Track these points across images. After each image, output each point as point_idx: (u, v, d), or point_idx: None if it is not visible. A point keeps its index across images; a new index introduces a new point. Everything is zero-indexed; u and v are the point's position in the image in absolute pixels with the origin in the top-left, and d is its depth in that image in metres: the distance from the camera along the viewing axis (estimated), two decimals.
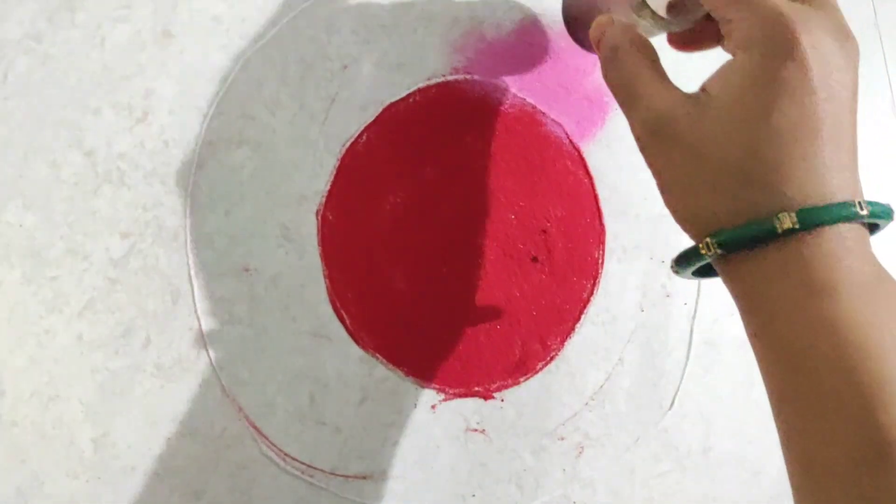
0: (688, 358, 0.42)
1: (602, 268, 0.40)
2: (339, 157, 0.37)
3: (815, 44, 0.24)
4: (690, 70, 0.29)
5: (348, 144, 0.37)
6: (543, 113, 0.40)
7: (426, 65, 0.39)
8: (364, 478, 0.36)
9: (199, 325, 0.35)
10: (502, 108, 0.39)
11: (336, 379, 0.36)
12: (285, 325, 0.36)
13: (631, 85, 0.27)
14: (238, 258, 0.35)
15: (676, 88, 0.27)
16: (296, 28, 0.37)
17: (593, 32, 0.30)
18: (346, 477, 0.36)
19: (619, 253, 0.41)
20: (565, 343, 0.39)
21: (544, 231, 0.39)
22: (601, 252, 0.40)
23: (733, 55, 0.25)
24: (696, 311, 0.42)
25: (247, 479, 0.35)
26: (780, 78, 0.23)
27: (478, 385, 0.38)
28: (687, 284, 0.42)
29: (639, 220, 0.41)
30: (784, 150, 0.23)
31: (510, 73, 0.40)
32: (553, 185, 0.40)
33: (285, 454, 0.35)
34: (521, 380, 0.39)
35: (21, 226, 0.33)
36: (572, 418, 0.39)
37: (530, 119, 0.40)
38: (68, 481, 0.33)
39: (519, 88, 0.40)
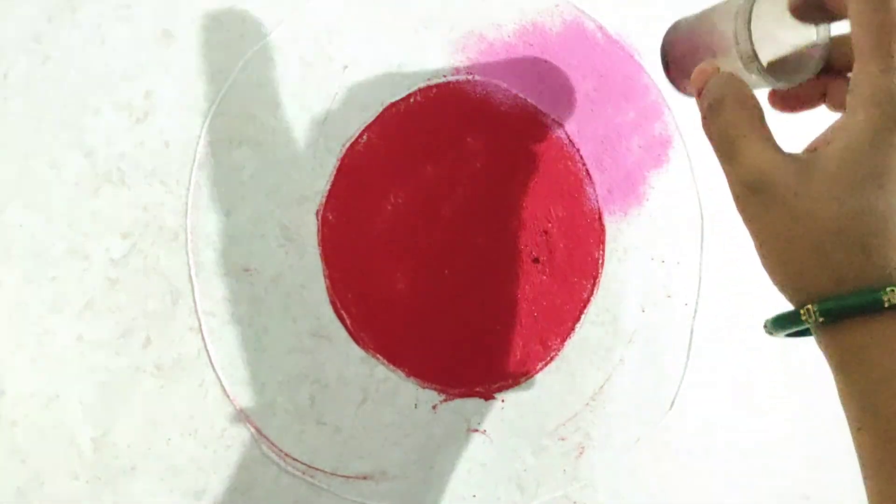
0: (688, 358, 0.42)
1: (602, 268, 0.40)
2: (339, 157, 0.37)
3: None
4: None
5: (348, 144, 0.37)
6: (544, 113, 0.40)
7: (426, 65, 0.39)
8: (364, 478, 0.36)
9: (199, 325, 0.35)
10: (503, 108, 0.39)
11: (336, 379, 0.36)
12: (285, 325, 0.36)
13: (733, 140, 0.26)
14: (238, 258, 0.35)
15: (778, 147, 0.26)
16: (296, 28, 0.37)
17: (696, 79, 0.29)
18: (347, 477, 0.36)
19: (620, 253, 0.41)
20: (566, 343, 0.39)
21: (545, 231, 0.39)
22: (601, 252, 0.40)
23: (849, 111, 0.24)
24: (696, 311, 0.42)
25: (247, 480, 0.35)
26: None
27: (478, 385, 0.38)
28: (687, 285, 0.42)
29: (639, 221, 0.41)
30: (894, 218, 0.23)
31: (511, 73, 0.40)
32: (553, 185, 0.40)
33: (285, 454, 0.35)
34: (522, 380, 0.39)
35: (21, 226, 0.33)
36: (573, 418, 0.39)
37: (531, 119, 0.40)
38: (68, 481, 0.33)
39: (520, 89, 0.40)
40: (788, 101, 0.31)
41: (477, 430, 0.38)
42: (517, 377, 0.39)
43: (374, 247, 0.37)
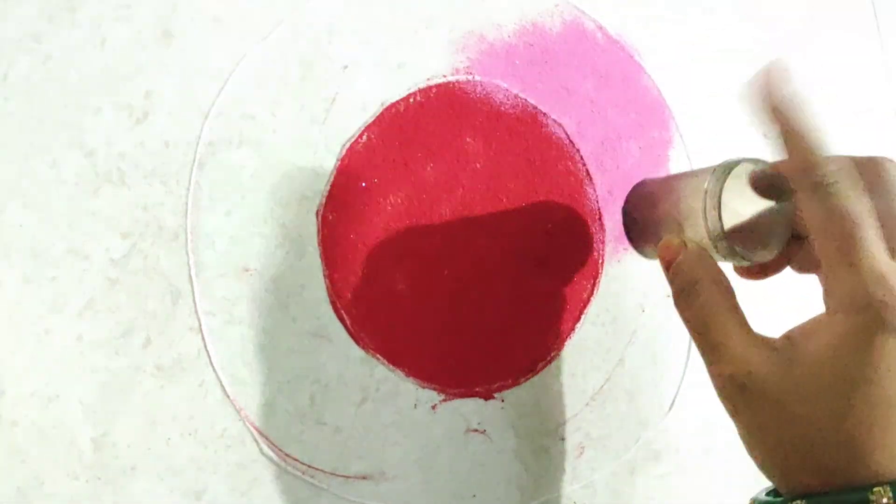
0: (688, 358, 0.42)
1: (602, 268, 0.40)
2: (339, 157, 0.37)
3: None
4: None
5: (348, 144, 0.37)
6: (545, 114, 0.40)
7: (426, 65, 0.39)
8: (364, 478, 0.36)
9: (199, 325, 0.35)
10: (503, 108, 0.39)
11: (336, 379, 0.36)
12: (285, 325, 0.36)
13: (712, 331, 0.27)
14: (238, 258, 0.35)
15: (758, 336, 0.26)
16: (296, 28, 0.37)
17: (663, 253, 0.29)
18: (347, 477, 0.36)
19: (620, 253, 0.41)
20: (566, 343, 0.39)
21: (545, 232, 0.39)
22: (602, 252, 0.40)
23: (829, 312, 0.25)
24: None
25: (247, 480, 0.35)
26: (881, 350, 0.23)
27: (478, 385, 0.38)
28: None
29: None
30: (879, 420, 0.23)
31: (511, 73, 0.40)
32: (554, 185, 0.40)
33: (285, 454, 0.35)
34: (522, 380, 0.39)
35: (21, 226, 0.33)
36: (573, 419, 0.39)
37: (531, 120, 0.40)
38: (68, 481, 0.33)
39: (520, 89, 0.40)
40: (753, 270, 0.31)
41: (477, 430, 0.38)
42: (517, 377, 0.39)
43: (374, 247, 0.37)
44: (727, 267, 0.30)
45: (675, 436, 0.41)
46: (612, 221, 0.41)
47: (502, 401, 0.38)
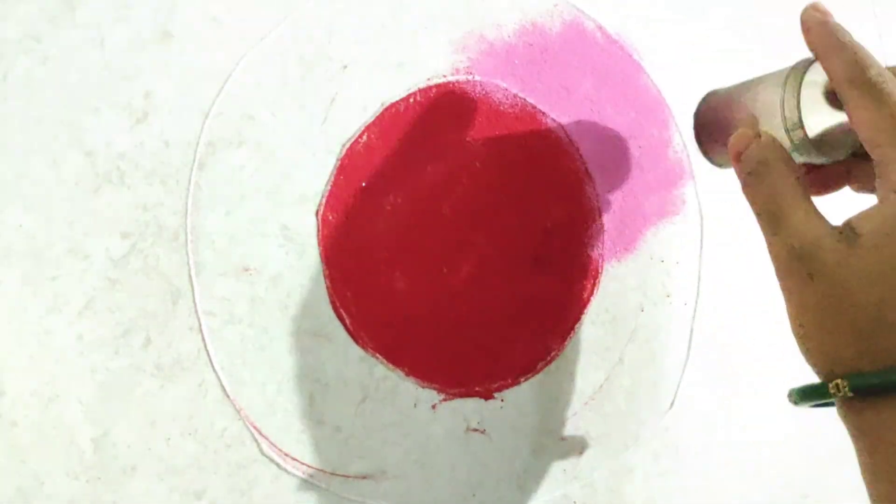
0: (688, 358, 0.42)
1: (602, 268, 0.40)
2: (339, 157, 0.37)
3: None
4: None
5: (348, 144, 0.37)
6: (544, 113, 0.40)
7: (426, 65, 0.39)
8: (364, 478, 0.36)
9: (199, 325, 0.35)
10: (503, 108, 0.39)
11: (336, 379, 0.36)
12: (285, 325, 0.36)
13: (778, 205, 0.27)
14: (238, 258, 0.35)
15: (822, 217, 0.26)
16: (296, 28, 0.37)
17: (736, 143, 0.29)
18: (347, 477, 0.36)
19: (620, 253, 0.41)
20: (565, 343, 0.39)
21: (545, 231, 0.39)
22: (601, 252, 0.40)
23: (885, 198, 0.25)
24: (696, 311, 0.42)
25: (247, 480, 0.35)
26: None
27: (478, 385, 0.38)
28: (686, 284, 0.42)
29: (639, 221, 0.41)
30: None
31: (511, 73, 0.40)
32: (553, 185, 0.40)
33: (285, 454, 0.35)
34: (522, 380, 0.39)
35: (21, 226, 0.33)
36: (573, 418, 0.39)
37: (531, 119, 0.40)
38: (68, 481, 0.33)
39: (520, 89, 0.40)
40: (815, 182, 0.31)
41: (477, 430, 0.38)
42: (517, 377, 0.39)
43: (374, 247, 0.37)
44: None
45: (674, 435, 0.41)
46: (612, 220, 0.41)
47: (502, 400, 0.38)
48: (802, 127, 0.28)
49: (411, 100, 0.38)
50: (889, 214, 0.24)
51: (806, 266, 0.25)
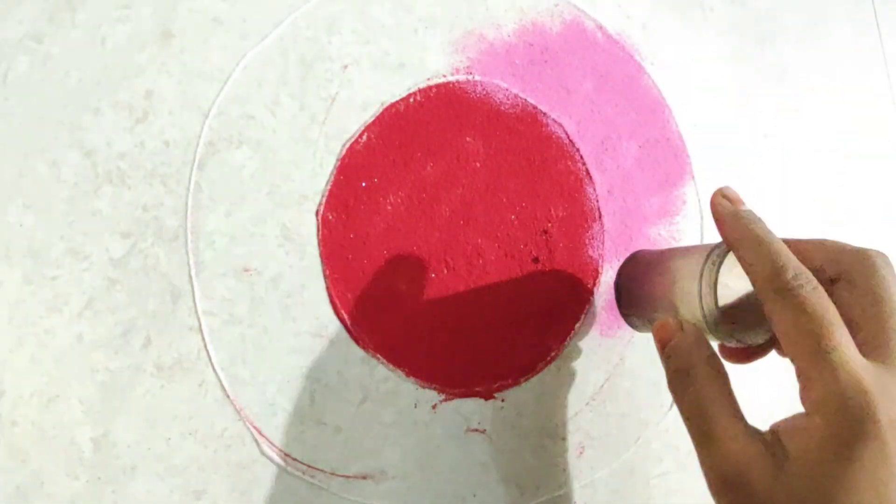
0: None
1: (602, 268, 0.40)
2: (339, 157, 0.37)
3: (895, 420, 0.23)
4: None
5: (348, 144, 0.37)
6: (544, 113, 0.40)
7: (426, 65, 0.39)
8: (364, 478, 0.36)
9: (199, 325, 0.35)
10: (503, 108, 0.39)
11: (336, 379, 0.36)
12: (285, 325, 0.36)
13: (707, 419, 0.27)
14: (238, 258, 0.35)
15: (750, 428, 0.26)
16: (296, 28, 0.37)
17: (659, 334, 0.30)
18: (347, 477, 0.36)
19: (620, 253, 0.41)
20: (565, 343, 0.39)
21: (545, 231, 0.39)
22: (601, 252, 0.40)
23: (808, 413, 0.25)
24: None
25: (247, 480, 0.35)
26: (859, 457, 0.23)
27: (478, 385, 0.38)
28: None
29: (639, 221, 0.41)
30: None
31: (511, 73, 0.40)
32: (554, 185, 0.40)
33: (286, 454, 0.35)
34: (522, 380, 0.39)
35: (21, 226, 0.33)
36: (573, 418, 0.39)
37: (531, 119, 0.40)
38: (68, 481, 0.33)
39: (520, 89, 0.40)
40: (739, 353, 0.31)
41: (477, 430, 0.38)
42: (517, 377, 0.39)
43: (374, 247, 0.37)
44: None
45: (674, 435, 0.41)
46: (612, 220, 0.41)
47: (502, 400, 0.38)
48: (721, 322, 0.28)
49: (411, 100, 0.38)
50: (815, 436, 0.24)
51: (735, 492, 0.26)
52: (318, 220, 0.37)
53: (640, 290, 0.35)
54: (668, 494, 0.40)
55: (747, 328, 0.29)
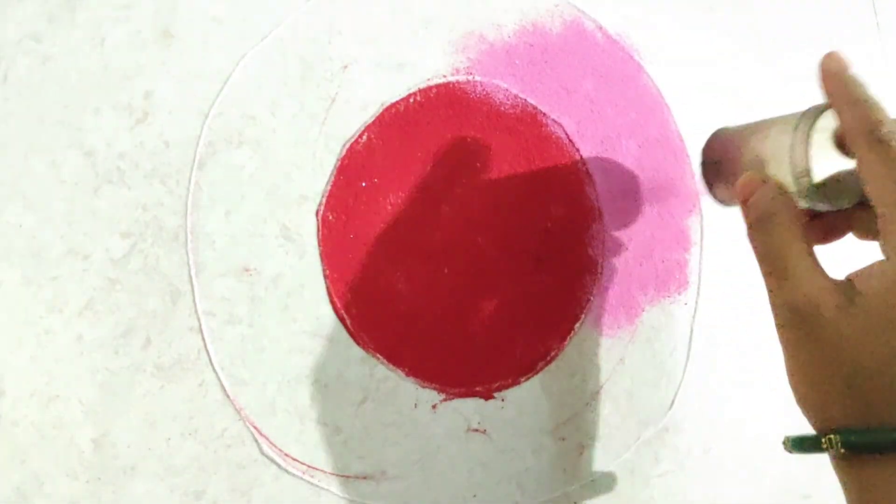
0: (688, 358, 0.42)
1: (602, 268, 0.40)
2: (339, 157, 0.37)
3: None
4: None
5: (348, 144, 0.37)
6: (544, 113, 0.40)
7: (426, 65, 0.39)
8: (364, 478, 0.36)
9: (199, 325, 0.35)
10: (503, 108, 0.39)
11: (336, 379, 0.36)
12: (285, 325, 0.36)
13: (782, 258, 0.27)
14: (238, 258, 0.35)
15: (825, 272, 0.27)
16: (296, 28, 0.37)
17: (742, 188, 0.30)
18: (347, 477, 0.36)
19: (620, 253, 0.41)
20: (565, 343, 0.39)
21: (545, 231, 0.39)
22: (601, 251, 0.40)
23: (887, 258, 0.25)
24: (696, 311, 0.42)
25: (247, 480, 0.35)
26: None
27: (478, 385, 0.38)
28: (686, 284, 0.42)
29: (639, 221, 0.41)
30: None
31: (511, 73, 0.40)
32: (554, 185, 0.40)
33: (286, 454, 0.35)
34: (522, 380, 0.39)
35: (21, 226, 0.33)
36: (573, 418, 0.39)
37: (531, 119, 0.40)
38: (68, 481, 0.33)
39: (520, 89, 0.40)
40: (817, 230, 0.31)
41: (477, 430, 0.38)
42: (517, 377, 0.39)
43: (374, 246, 0.37)
44: None
45: (674, 435, 0.41)
46: (612, 220, 0.41)
47: (502, 400, 0.38)
48: (810, 174, 0.29)
49: (411, 100, 0.38)
50: (891, 273, 0.25)
51: (804, 323, 0.26)
52: (318, 220, 0.37)
53: (728, 156, 0.35)
54: (668, 494, 0.40)
55: (833, 190, 0.29)
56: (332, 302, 0.36)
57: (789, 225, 0.28)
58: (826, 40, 0.48)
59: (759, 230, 0.28)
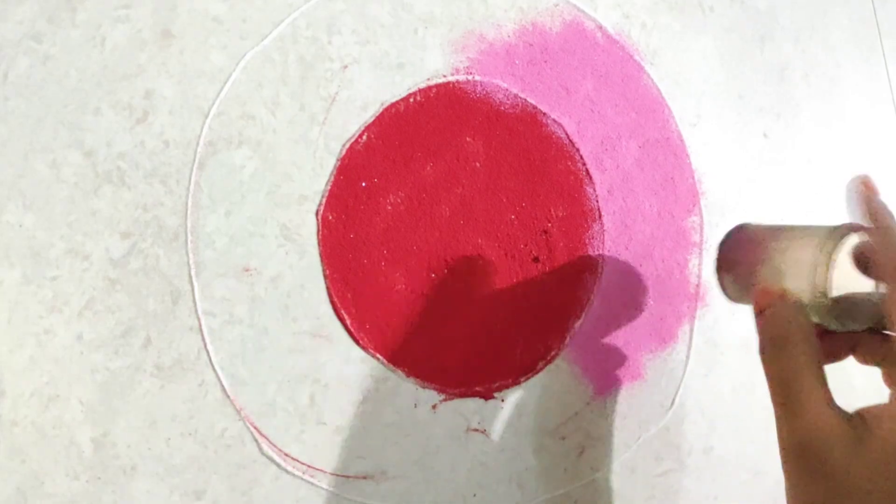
0: (688, 358, 0.42)
1: (602, 268, 0.40)
2: (339, 157, 0.37)
3: None
4: None
5: (348, 144, 0.37)
6: (544, 113, 0.40)
7: (426, 65, 0.39)
8: (364, 478, 0.36)
9: (199, 325, 0.35)
10: (503, 108, 0.39)
11: (336, 379, 0.36)
12: (285, 325, 0.36)
13: (794, 387, 0.27)
14: (238, 258, 0.35)
15: (836, 406, 0.26)
16: (296, 28, 0.37)
17: (759, 298, 0.30)
18: (347, 477, 0.36)
19: (620, 253, 0.41)
20: (565, 343, 0.39)
21: (544, 231, 0.39)
22: (601, 251, 0.40)
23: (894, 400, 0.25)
24: (695, 311, 0.42)
25: (247, 480, 0.35)
26: None
27: (478, 385, 0.38)
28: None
29: (639, 220, 0.41)
30: None
31: (511, 73, 0.40)
32: (554, 185, 0.40)
33: (286, 454, 0.35)
34: (522, 379, 0.39)
35: (21, 226, 0.33)
36: (573, 418, 0.39)
37: (531, 119, 0.40)
38: (68, 481, 0.33)
39: (520, 89, 0.40)
40: (823, 350, 0.31)
41: (477, 430, 0.38)
42: (517, 376, 0.39)
43: (374, 247, 0.37)
44: None
45: (675, 435, 0.41)
46: (612, 220, 0.41)
47: (502, 400, 0.38)
48: (828, 296, 0.28)
49: (411, 100, 0.38)
50: None
51: (813, 458, 0.26)
52: (318, 220, 0.37)
53: (746, 257, 0.35)
54: (669, 494, 0.40)
55: (848, 313, 0.29)
56: (331, 302, 0.36)
57: (805, 349, 0.27)
58: (826, 40, 0.48)
59: (774, 353, 0.28)
